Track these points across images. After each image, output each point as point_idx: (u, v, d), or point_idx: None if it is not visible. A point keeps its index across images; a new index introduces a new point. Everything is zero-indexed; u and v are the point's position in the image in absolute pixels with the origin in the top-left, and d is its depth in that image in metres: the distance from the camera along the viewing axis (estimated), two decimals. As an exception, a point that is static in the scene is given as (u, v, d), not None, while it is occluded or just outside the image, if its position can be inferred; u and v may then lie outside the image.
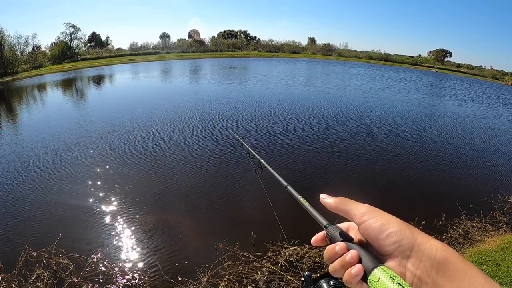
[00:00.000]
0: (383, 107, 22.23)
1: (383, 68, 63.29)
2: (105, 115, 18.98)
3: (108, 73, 48.39)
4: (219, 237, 6.86)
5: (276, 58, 74.54)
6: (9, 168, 11.32)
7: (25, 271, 5.98)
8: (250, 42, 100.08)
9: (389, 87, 33.98)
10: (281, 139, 13.51)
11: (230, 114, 18.12)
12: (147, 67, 53.72)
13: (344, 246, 0.73)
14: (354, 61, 78.11)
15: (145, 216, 7.87)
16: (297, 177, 10.09)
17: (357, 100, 24.22)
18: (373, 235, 0.71)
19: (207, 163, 11.05)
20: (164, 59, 70.20)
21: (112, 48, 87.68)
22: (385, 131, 15.73)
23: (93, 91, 32.63)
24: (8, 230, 7.55)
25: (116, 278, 5.88)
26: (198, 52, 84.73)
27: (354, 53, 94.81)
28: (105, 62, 65.47)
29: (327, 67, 55.82)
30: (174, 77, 40.69)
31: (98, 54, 76.49)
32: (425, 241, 0.65)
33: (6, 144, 14.39)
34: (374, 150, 12.77)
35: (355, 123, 16.66)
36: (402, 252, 0.66)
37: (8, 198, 9.17)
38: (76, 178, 10.10)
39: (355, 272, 0.67)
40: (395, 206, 8.33)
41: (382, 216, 0.72)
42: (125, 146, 12.87)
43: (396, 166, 11.38)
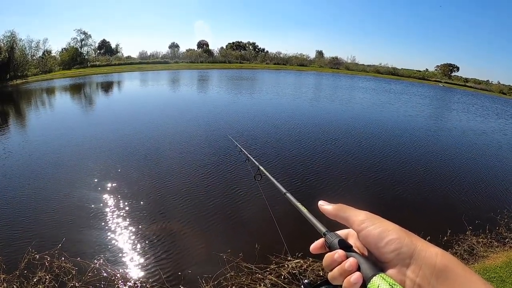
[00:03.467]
0: (390, 120, 22.26)
1: (390, 82, 63.31)
2: (111, 121, 19.09)
3: (117, 80, 48.83)
4: (222, 248, 6.82)
5: (284, 71, 74.86)
6: (15, 170, 11.39)
7: (27, 273, 5.98)
8: (259, 54, 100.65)
9: (397, 101, 34.02)
10: (284, 147, 13.54)
11: (234, 123, 18.18)
12: (155, 76, 54.20)
13: (343, 253, 0.73)
14: (361, 75, 78.17)
15: (149, 224, 7.85)
16: (301, 185, 10.07)
17: (363, 113, 24.23)
18: (372, 243, 0.70)
19: (209, 171, 11.07)
20: (172, 69, 70.80)
21: (121, 56, 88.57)
22: (391, 144, 15.70)
23: (101, 97, 32.91)
24: (12, 231, 7.56)
25: (118, 285, 5.85)
26: (207, 62, 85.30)
27: (362, 67, 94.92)
28: (114, 70, 66.11)
29: (335, 81, 55.90)
30: (181, 86, 41.11)
31: (108, 61, 77.20)
32: (425, 248, 0.64)
33: (13, 146, 14.50)
34: (379, 162, 12.74)
35: (361, 135, 16.64)
36: (401, 259, 0.65)
37: (14, 199, 9.21)
38: (82, 184, 10.13)
39: (354, 280, 0.66)
40: (399, 219, 8.13)
41: (382, 223, 0.72)
42: (129, 153, 12.92)
43: (401, 179, 11.32)
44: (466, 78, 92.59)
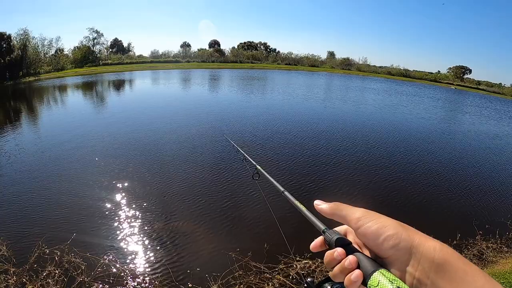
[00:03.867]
0: (403, 122, 21.98)
1: (402, 84, 62.65)
2: (120, 120, 19.18)
3: (129, 78, 49.22)
4: (231, 247, 6.83)
5: (295, 71, 74.66)
6: (28, 166, 11.57)
7: (36, 266, 6.03)
8: (270, 54, 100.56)
9: (409, 103, 33.69)
10: (297, 148, 13.42)
11: (242, 123, 18.12)
12: (167, 75, 54.50)
13: (342, 251, 0.73)
14: (373, 76, 77.65)
15: (158, 222, 7.87)
16: (312, 185, 10.02)
17: (376, 115, 23.98)
18: (370, 240, 0.70)
19: (215, 170, 11.06)
20: (184, 68, 71.12)
21: (133, 55, 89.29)
22: (403, 146, 15.50)
23: (112, 95, 33.13)
24: (23, 225, 7.66)
25: (126, 281, 5.87)
26: (218, 62, 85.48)
27: (373, 68, 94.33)
28: (126, 68, 66.56)
29: (346, 82, 55.56)
30: (192, 85, 41.18)
31: (120, 60, 77.88)
32: (423, 242, 0.65)
33: (26, 142, 14.70)
34: (391, 164, 12.60)
35: (373, 137, 16.46)
36: (400, 255, 0.65)
37: (26, 194, 9.33)
38: (92, 181, 10.22)
39: (354, 278, 0.66)
40: (409, 221, 8.09)
41: (378, 220, 0.71)
42: (139, 154, 12.98)
43: (412, 181, 11.17)
44: (479, 80, 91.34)
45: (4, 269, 5.93)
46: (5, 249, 6.44)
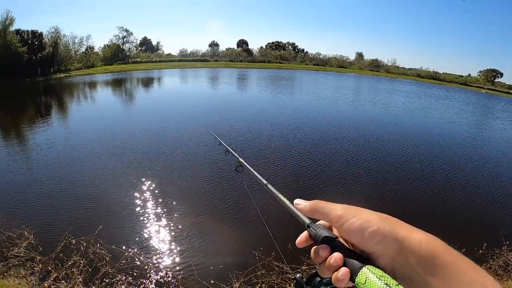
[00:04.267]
0: (433, 126, 21.19)
1: (432, 87, 60.65)
2: (149, 116, 19.45)
3: (157, 76, 50.08)
4: (255, 245, 6.76)
5: (323, 72, 74.17)
6: (59, 159, 11.90)
7: (62, 256, 6.12)
8: (298, 55, 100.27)
9: (439, 106, 32.59)
10: (331, 152, 13.27)
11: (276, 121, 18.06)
12: (195, 73, 55.22)
13: (327, 248, 0.69)
14: (402, 78, 76.05)
15: (184, 218, 7.89)
16: (345, 191, 9.85)
17: (406, 118, 23.34)
18: (354, 237, 0.68)
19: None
20: (212, 67, 71.98)
21: (162, 53, 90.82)
22: (432, 151, 14.92)
23: (141, 92, 33.74)
24: (51, 216, 7.83)
25: (149, 274, 5.89)
26: (246, 61, 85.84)
27: (402, 70, 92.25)
28: (155, 66, 67.85)
29: (375, 84, 54.61)
30: (221, 84, 41.58)
31: (148, 58, 79.39)
32: (408, 236, 0.62)
33: (55, 136, 15.08)
34: (419, 170, 12.11)
35: (404, 141, 15.93)
36: (386, 250, 0.63)
37: (56, 186, 9.60)
38: (119, 176, 10.41)
39: (341, 276, 0.63)
40: (435, 228, 7.89)
41: (361, 215, 0.69)
42: (169, 148, 13.10)
43: (439, 187, 10.70)
44: (510, 85, 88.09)
45: (30, 256, 6.04)
46: (33, 238, 6.57)
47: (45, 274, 5.62)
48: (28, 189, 9.39)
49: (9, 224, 7.08)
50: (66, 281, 5.46)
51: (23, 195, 9.05)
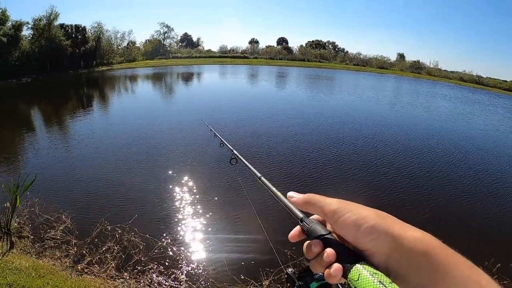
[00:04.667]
0: (476, 134, 19.69)
1: (475, 92, 55.91)
2: (190, 109, 19.64)
3: (197, 71, 50.83)
4: (288, 244, 6.63)
5: (363, 72, 72.64)
6: (98, 148, 12.36)
7: (97, 241, 6.23)
8: (338, 54, 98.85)
9: (483, 112, 30.36)
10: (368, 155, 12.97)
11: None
12: (235, 70, 55.73)
13: (320, 243, 0.68)
14: (444, 82, 72.81)
15: (219, 212, 7.88)
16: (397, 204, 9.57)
17: (446, 123, 21.89)
18: (348, 232, 0.67)
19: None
20: (251, 64, 72.29)
21: (202, 49, 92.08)
22: (476, 160, 13.78)
23: (181, 86, 34.26)
24: (89, 202, 8.06)
25: (181, 264, 5.89)
26: (286, 59, 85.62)
27: (444, 73, 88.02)
28: (195, 62, 68.88)
29: (417, 86, 52.05)
30: (261, 81, 41.61)
31: (189, 54, 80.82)
32: (403, 233, 0.61)
33: (97, 126, 15.58)
34: (465, 180, 11.21)
35: (448, 148, 15.02)
36: (380, 247, 0.62)
37: (97, 174, 9.90)
38: (159, 167, 10.60)
39: (333, 272, 0.62)
40: (465, 244, 7.46)
41: (356, 210, 0.68)
42: (211, 142, 13.13)
43: (470, 197, 9.89)
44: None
45: (66, 239, 6.18)
46: (70, 222, 6.73)
47: (79, 257, 5.72)
48: (68, 176, 9.71)
49: (48, 208, 7.28)
50: (99, 266, 5.54)
51: (63, 181, 9.36)
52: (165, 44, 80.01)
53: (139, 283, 5.27)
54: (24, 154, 11.79)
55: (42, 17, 45.63)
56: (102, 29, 58.49)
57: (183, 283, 5.45)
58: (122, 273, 5.44)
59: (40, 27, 45.23)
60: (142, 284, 5.26)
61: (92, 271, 5.38)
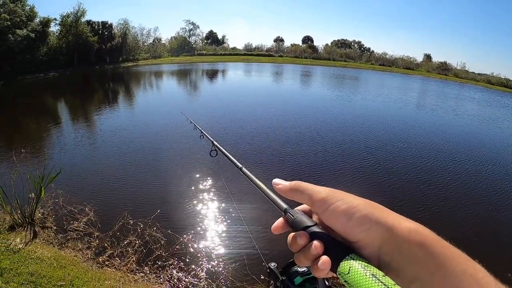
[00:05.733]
0: (505, 140, 18.52)
1: (503, 95, 53.16)
2: (215, 106, 19.72)
3: (222, 68, 51.10)
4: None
5: (389, 73, 71.34)
6: (123, 142, 12.56)
7: (119, 234, 6.28)
8: (364, 54, 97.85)
9: None
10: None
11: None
12: (260, 68, 55.82)
13: (306, 235, 0.65)
14: (471, 84, 70.26)
15: (244, 211, 7.82)
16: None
17: (478, 128, 21.11)
18: (338, 222, 0.64)
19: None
20: (277, 62, 72.25)
21: (227, 47, 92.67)
22: (503, 169, 12.82)
23: (205, 83, 34.46)
24: (113, 196, 8.16)
25: (201, 261, 5.88)
26: (311, 58, 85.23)
27: (472, 75, 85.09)
28: (220, 59, 69.42)
29: (444, 88, 50.05)
30: (285, 79, 41.51)
31: (214, 51, 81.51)
32: (396, 225, 0.59)
33: (121, 119, 15.83)
34: (493, 191, 10.61)
35: (471, 157, 14.03)
36: (372, 238, 0.59)
37: (119, 168, 10.06)
38: (183, 163, 10.68)
39: (321, 266, 0.59)
40: (479, 253, 7.24)
41: (346, 199, 0.65)
42: (239, 136, 13.16)
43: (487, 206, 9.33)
44: None
45: (88, 232, 6.25)
46: (93, 215, 6.81)
47: (101, 250, 5.78)
48: (92, 171, 9.84)
49: (71, 200, 7.39)
50: (120, 259, 5.58)
51: (87, 175, 9.48)
52: (191, 41, 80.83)
53: (159, 278, 5.29)
54: (50, 147, 12.08)
55: (70, 14, 47.13)
56: (128, 26, 59.96)
57: (202, 280, 5.43)
58: (143, 267, 5.47)
59: (68, 24, 46.65)
60: (162, 279, 5.28)
61: (112, 264, 5.43)
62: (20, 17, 36.87)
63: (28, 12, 39.01)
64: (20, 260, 4.91)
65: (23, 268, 4.69)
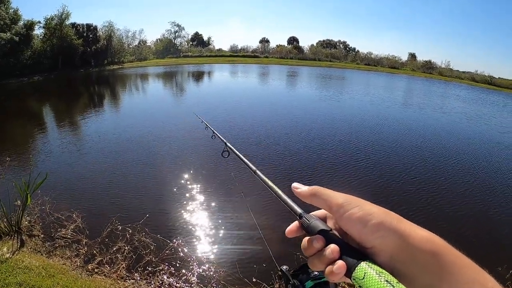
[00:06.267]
0: (499, 139, 18.64)
1: (488, 93, 53.75)
2: (201, 109, 19.68)
3: (207, 70, 51.11)
4: (299, 246, 6.56)
5: (374, 72, 72.04)
6: (109, 146, 12.47)
7: (108, 241, 6.22)
8: (349, 54, 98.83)
9: (499, 115, 29.23)
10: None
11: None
12: (246, 69, 56.01)
13: (322, 239, 0.66)
14: (456, 82, 71.26)
15: (232, 214, 7.82)
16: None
17: (465, 125, 21.51)
18: (353, 228, 0.65)
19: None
20: (263, 63, 72.53)
21: (213, 48, 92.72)
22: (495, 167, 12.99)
23: (191, 85, 34.42)
24: (100, 202, 8.08)
25: (192, 266, 5.86)
26: (296, 59, 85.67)
27: (456, 73, 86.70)
28: (206, 61, 69.43)
29: (430, 87, 50.82)
30: (272, 80, 41.64)
31: (200, 53, 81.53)
32: (412, 233, 0.60)
33: (107, 124, 15.71)
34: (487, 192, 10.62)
35: (463, 155, 14.36)
36: (386, 245, 0.61)
37: (105, 173, 9.93)
38: (169, 167, 10.60)
39: (336, 270, 0.60)
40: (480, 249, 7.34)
41: (363, 206, 0.66)
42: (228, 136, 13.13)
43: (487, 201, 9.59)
44: None
45: (77, 239, 6.18)
46: (80, 221, 6.72)
47: (90, 257, 5.71)
48: (79, 176, 9.73)
49: (59, 207, 7.27)
50: (110, 266, 5.52)
51: (74, 180, 9.39)
52: (176, 43, 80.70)
53: (149, 284, 5.24)
54: (35, 152, 11.87)
55: (54, 17, 46.58)
56: (113, 28, 59.56)
57: (194, 285, 5.41)
58: (133, 274, 5.41)
59: (52, 26, 46.07)
60: (153, 285, 5.23)
61: (102, 271, 5.37)
62: (3, 20, 36.35)
63: (12, 15, 38.43)
64: (8, 270, 4.83)
65: (11, 278, 4.62)
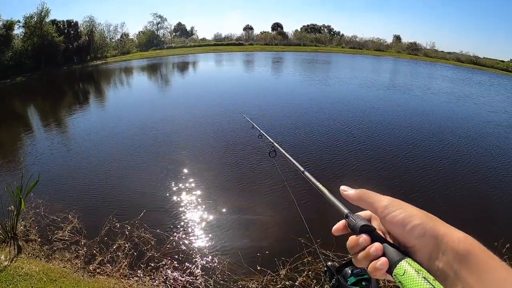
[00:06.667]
0: (483, 117, 18.61)
1: (473, 72, 53.53)
2: (190, 100, 19.53)
3: (192, 60, 50.71)
4: (301, 232, 6.50)
5: (360, 55, 71.87)
6: (101, 143, 12.33)
7: (107, 239, 6.12)
8: (334, 38, 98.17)
9: (487, 94, 28.89)
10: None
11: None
12: (231, 57, 55.70)
13: (367, 238, 0.73)
14: (441, 63, 71.45)
15: (230, 204, 7.79)
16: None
17: (454, 105, 21.56)
18: (396, 228, 0.71)
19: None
20: (247, 50, 72.18)
21: (196, 38, 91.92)
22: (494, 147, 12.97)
23: (176, 77, 34.23)
24: (95, 200, 7.94)
25: (195, 258, 5.80)
26: (281, 45, 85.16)
27: (441, 54, 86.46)
28: (190, 51, 68.88)
29: (416, 68, 50.67)
30: (257, 67, 41.63)
31: (183, 43, 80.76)
32: (448, 234, 0.65)
33: (98, 122, 15.58)
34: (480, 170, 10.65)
35: (458, 133, 14.72)
36: (425, 245, 0.66)
37: (99, 171, 9.80)
38: (165, 160, 10.50)
39: (379, 266, 0.67)
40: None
41: (405, 208, 0.72)
42: (209, 131, 13.02)
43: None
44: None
45: (75, 240, 6.07)
46: (77, 221, 6.62)
47: (90, 258, 5.62)
48: (72, 175, 9.58)
49: (53, 209, 7.18)
50: (112, 265, 5.43)
51: (67, 180, 9.25)
52: (159, 35, 79.84)
53: (154, 280, 5.18)
54: (25, 155, 11.58)
55: (33, 15, 45.22)
56: (94, 23, 58.28)
57: (199, 277, 5.36)
58: (136, 271, 5.34)
59: (32, 25, 44.75)
60: (157, 281, 5.17)
61: (104, 271, 5.28)
62: (-18, 22, 35.55)
63: (-10, 16, 37.65)
64: (8, 279, 4.71)
65: (12, 287, 4.50)
